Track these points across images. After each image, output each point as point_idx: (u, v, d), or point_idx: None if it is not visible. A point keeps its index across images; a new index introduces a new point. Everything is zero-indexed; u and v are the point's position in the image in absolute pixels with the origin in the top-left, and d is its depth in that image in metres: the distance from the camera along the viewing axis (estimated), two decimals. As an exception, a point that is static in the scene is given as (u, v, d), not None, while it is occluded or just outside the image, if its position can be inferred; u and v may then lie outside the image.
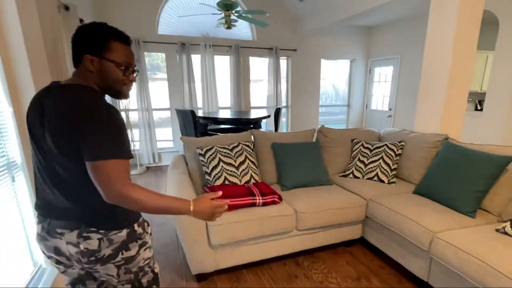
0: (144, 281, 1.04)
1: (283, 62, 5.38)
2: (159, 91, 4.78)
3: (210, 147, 2.24)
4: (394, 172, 2.42)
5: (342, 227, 2.19)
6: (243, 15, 3.79)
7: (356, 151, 2.62)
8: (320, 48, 5.50)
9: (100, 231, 0.89)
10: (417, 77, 4.40)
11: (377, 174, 2.42)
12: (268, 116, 4.20)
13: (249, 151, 2.36)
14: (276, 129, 4.38)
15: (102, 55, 0.90)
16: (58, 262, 0.97)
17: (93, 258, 0.90)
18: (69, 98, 0.84)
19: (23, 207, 1.53)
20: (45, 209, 0.93)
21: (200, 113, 4.89)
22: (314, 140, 2.72)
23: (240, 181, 2.19)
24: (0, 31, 1.40)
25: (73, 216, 0.89)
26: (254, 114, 4.32)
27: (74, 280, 1.03)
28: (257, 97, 5.46)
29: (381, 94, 5.77)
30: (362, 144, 2.62)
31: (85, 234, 0.88)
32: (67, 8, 2.75)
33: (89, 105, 0.83)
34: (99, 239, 0.89)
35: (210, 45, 4.65)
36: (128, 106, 4.42)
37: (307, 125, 5.65)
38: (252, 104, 5.33)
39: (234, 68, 4.89)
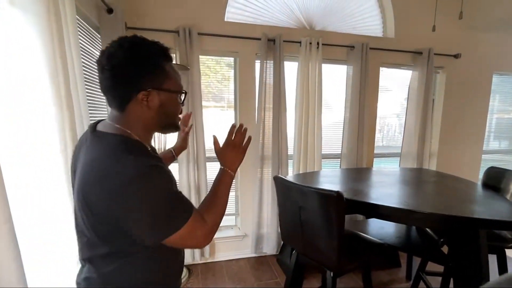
0: None
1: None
2: (213, 125, 2.60)
3: None
4: None
5: None
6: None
7: None
8: (493, 53, 3.12)
9: None
10: None
11: None
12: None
13: None
14: None
15: (162, 86, 0.67)
16: None
17: None
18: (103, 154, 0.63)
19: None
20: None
21: (288, 174, 2.63)
22: None
23: None
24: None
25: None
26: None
27: None
28: (379, 133, 3.13)
29: None
30: None
31: None
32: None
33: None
34: None
35: (318, 43, 2.46)
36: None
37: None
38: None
39: (355, 87, 2.63)
